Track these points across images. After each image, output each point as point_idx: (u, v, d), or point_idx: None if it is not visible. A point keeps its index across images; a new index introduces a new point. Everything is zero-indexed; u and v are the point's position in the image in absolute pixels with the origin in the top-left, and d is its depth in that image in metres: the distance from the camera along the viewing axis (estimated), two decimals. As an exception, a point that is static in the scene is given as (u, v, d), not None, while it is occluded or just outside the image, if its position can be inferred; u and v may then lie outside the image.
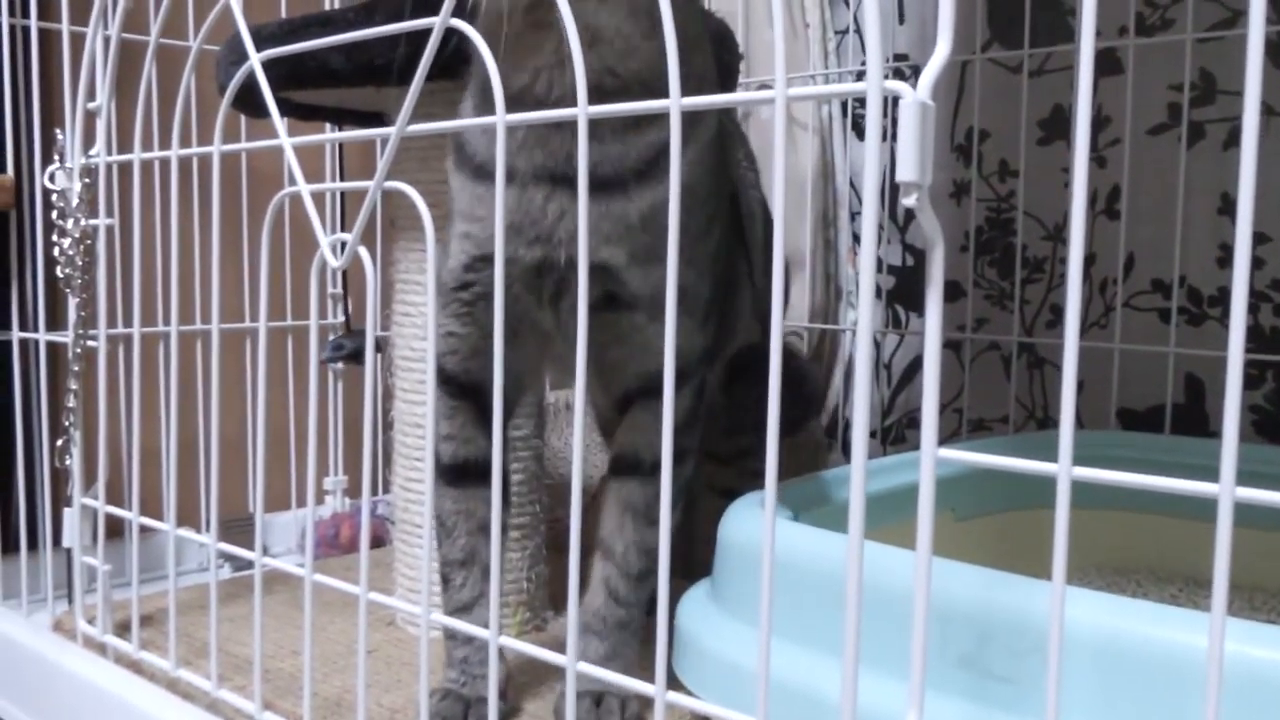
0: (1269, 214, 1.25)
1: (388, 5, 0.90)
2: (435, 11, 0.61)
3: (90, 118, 0.98)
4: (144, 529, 0.94)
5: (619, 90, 0.74)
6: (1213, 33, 1.27)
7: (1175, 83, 1.30)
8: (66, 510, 1.06)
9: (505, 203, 0.68)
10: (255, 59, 0.74)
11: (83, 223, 0.99)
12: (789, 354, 0.98)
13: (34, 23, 1.32)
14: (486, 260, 0.79)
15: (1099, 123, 1.39)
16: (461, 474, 0.86)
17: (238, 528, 1.32)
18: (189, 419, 1.44)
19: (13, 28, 1.24)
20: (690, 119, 0.76)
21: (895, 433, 1.62)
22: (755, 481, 1.05)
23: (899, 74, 1.54)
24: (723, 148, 0.90)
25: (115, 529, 1.03)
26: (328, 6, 1.58)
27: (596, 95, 0.73)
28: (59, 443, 1.06)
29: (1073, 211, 0.42)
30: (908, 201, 0.45)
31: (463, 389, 0.86)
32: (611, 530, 0.85)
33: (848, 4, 1.64)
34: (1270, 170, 1.24)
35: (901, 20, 1.56)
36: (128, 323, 1.17)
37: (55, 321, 1.22)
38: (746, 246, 0.96)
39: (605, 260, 0.76)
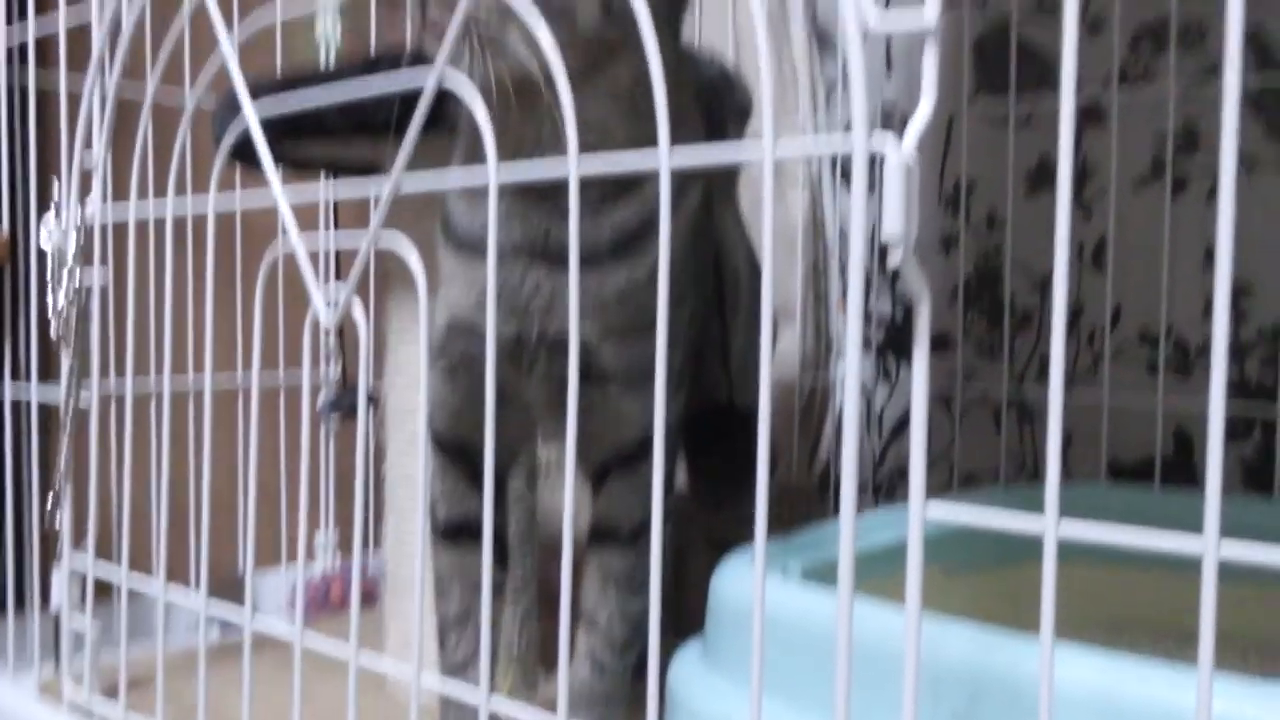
0: (1253, 264, 1.27)
1: (387, 61, 0.91)
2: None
3: (85, 174, 0.99)
4: (133, 590, 0.94)
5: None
6: (1195, 85, 1.29)
7: (1159, 134, 1.31)
8: (55, 570, 1.06)
9: (481, 278, 0.70)
10: (251, 114, 0.74)
11: (76, 278, 0.99)
12: (751, 417, 0.99)
13: (31, 78, 1.33)
14: (465, 326, 0.81)
15: (1084, 174, 1.40)
16: (455, 533, 0.87)
17: (227, 585, 1.31)
18: (179, 476, 1.43)
19: (9, 84, 1.26)
20: (671, 194, 0.78)
21: (887, 485, 1.62)
22: (745, 530, 1.06)
23: (886, 120, 1.55)
24: (708, 212, 0.92)
25: (104, 587, 1.02)
26: (322, 61, 1.60)
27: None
28: (49, 502, 1.06)
29: (1055, 267, 0.43)
30: (893, 259, 0.45)
31: (452, 449, 0.86)
32: (594, 601, 0.85)
33: (835, 55, 1.66)
34: (1252, 221, 1.26)
35: (889, 69, 1.58)
36: (120, 378, 1.17)
37: (48, 378, 1.22)
38: (723, 310, 0.97)
39: (578, 334, 0.78)
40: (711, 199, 0.97)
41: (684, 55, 0.89)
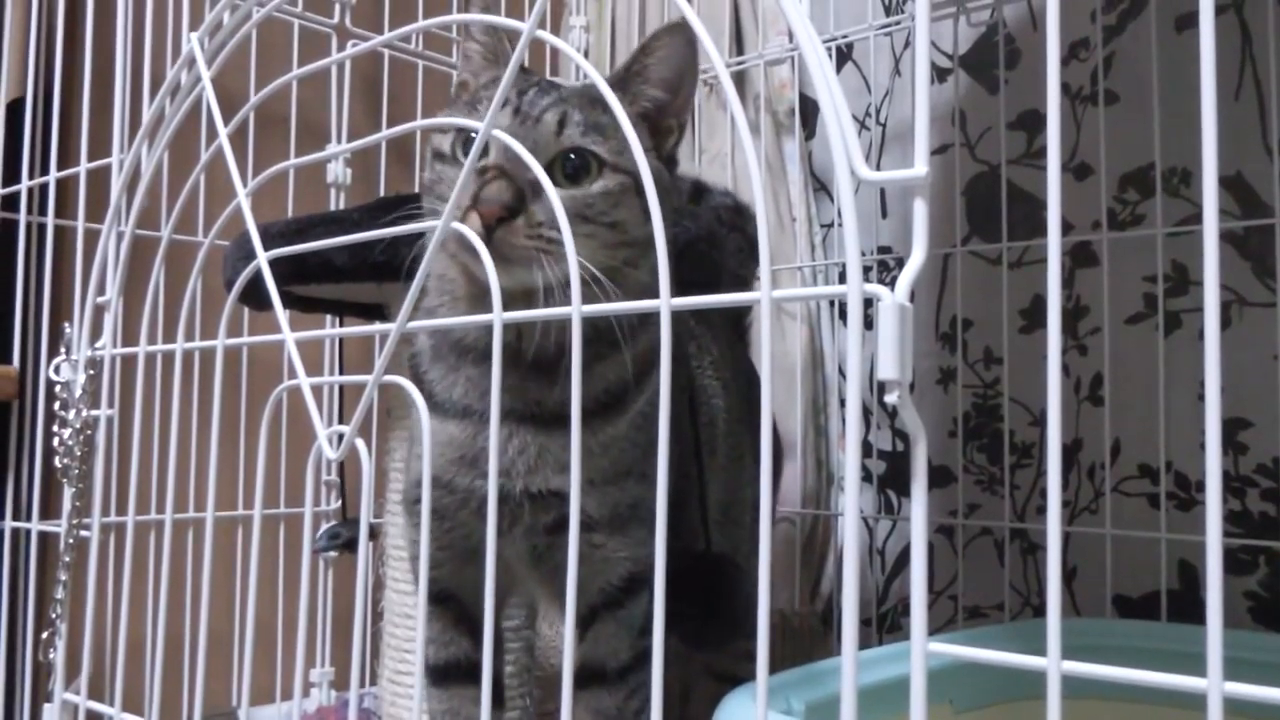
0: (1250, 400, 1.28)
1: (394, 205, 0.94)
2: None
3: (98, 311, 1.00)
4: (125, 725, 0.92)
5: (589, 338, 0.79)
6: (1181, 227, 1.33)
7: (1149, 274, 1.34)
8: (46, 706, 1.04)
9: (462, 437, 0.75)
10: (263, 258, 0.76)
11: (84, 413, 1.00)
12: (728, 564, 0.99)
13: (50, 219, 1.36)
14: (436, 481, 0.83)
15: (1078, 312, 1.43)
16: (444, 675, 0.87)
17: (221, 722, 1.29)
18: (176, 610, 1.42)
19: (27, 224, 1.29)
20: (651, 359, 0.82)
21: (890, 620, 1.60)
22: (748, 664, 1.05)
23: (883, 265, 1.59)
24: (684, 365, 0.95)
25: (95, 722, 1.00)
26: (332, 205, 1.64)
27: (561, 345, 0.78)
28: (44, 635, 1.05)
29: (1049, 407, 0.44)
30: (890, 398, 0.46)
31: (434, 595, 0.87)
32: None
33: (832, 198, 1.71)
34: (1245, 357, 1.28)
35: (884, 215, 1.63)
36: (121, 511, 1.17)
37: (48, 512, 1.22)
38: (700, 459, 0.99)
39: (560, 488, 0.80)
40: (686, 352, 1.00)
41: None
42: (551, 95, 0.80)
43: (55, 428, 1.02)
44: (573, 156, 0.77)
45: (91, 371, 1.01)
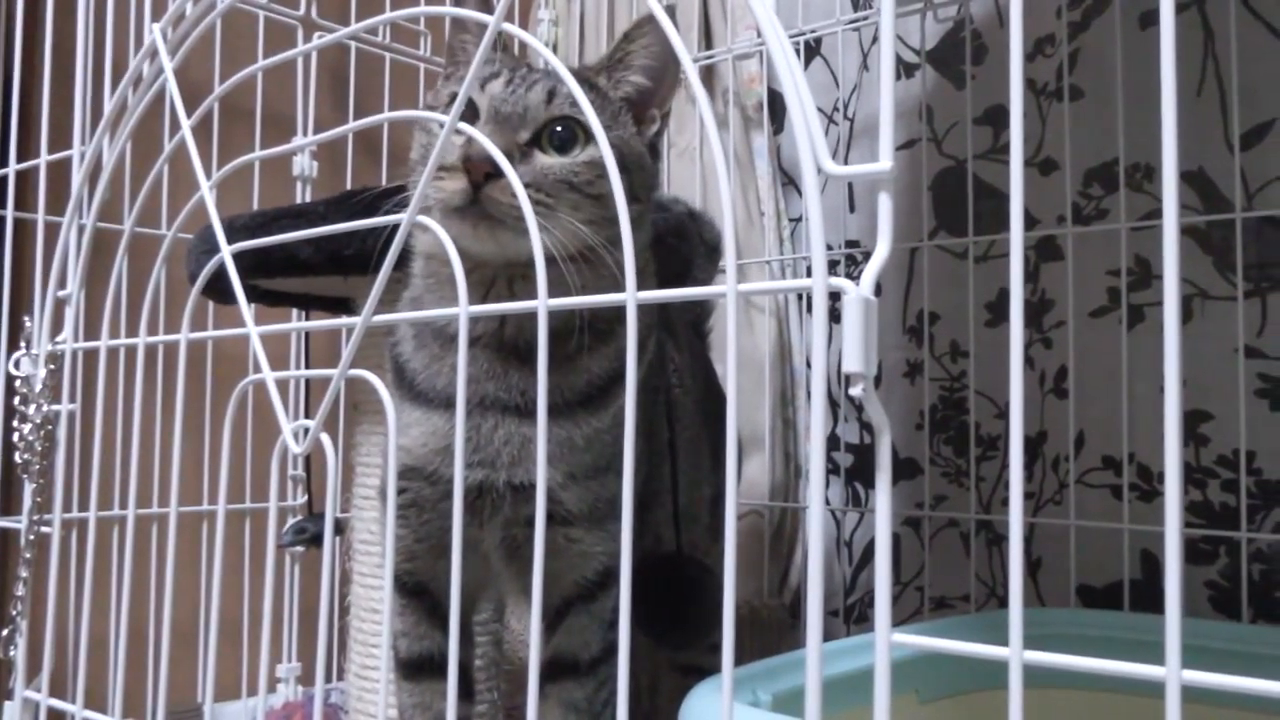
0: (1211, 392, 1.30)
1: (361, 199, 0.93)
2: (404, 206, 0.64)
3: (59, 305, 0.99)
4: (88, 722, 0.91)
5: (568, 328, 0.80)
6: (1144, 222, 1.34)
7: (1113, 268, 1.36)
8: (7, 704, 1.03)
9: (446, 428, 0.76)
10: (227, 251, 0.76)
11: (45, 408, 0.99)
12: (697, 567, 0.99)
13: (10, 212, 1.35)
14: (417, 472, 0.83)
15: (1043, 306, 1.44)
16: (417, 668, 0.87)
17: (186, 719, 1.28)
18: (139, 606, 1.41)
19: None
20: (637, 350, 0.82)
21: (858, 611, 1.61)
22: (714, 657, 1.05)
23: (850, 259, 1.60)
24: (662, 365, 0.95)
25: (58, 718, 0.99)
26: (299, 198, 1.63)
27: (553, 333, 0.78)
28: (4, 633, 1.03)
29: (1012, 400, 0.44)
30: (854, 391, 0.46)
31: (410, 588, 0.87)
32: None
33: (800, 193, 1.71)
34: (1207, 350, 1.30)
35: (852, 209, 1.63)
36: (83, 507, 1.16)
37: (9, 508, 1.20)
38: (674, 458, 0.99)
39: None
40: (666, 352, 1.01)
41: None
42: (542, 73, 0.81)
43: (15, 423, 1.01)
44: (559, 128, 0.78)
45: (52, 366, 0.99)
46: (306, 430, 0.71)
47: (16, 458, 1.01)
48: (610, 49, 0.84)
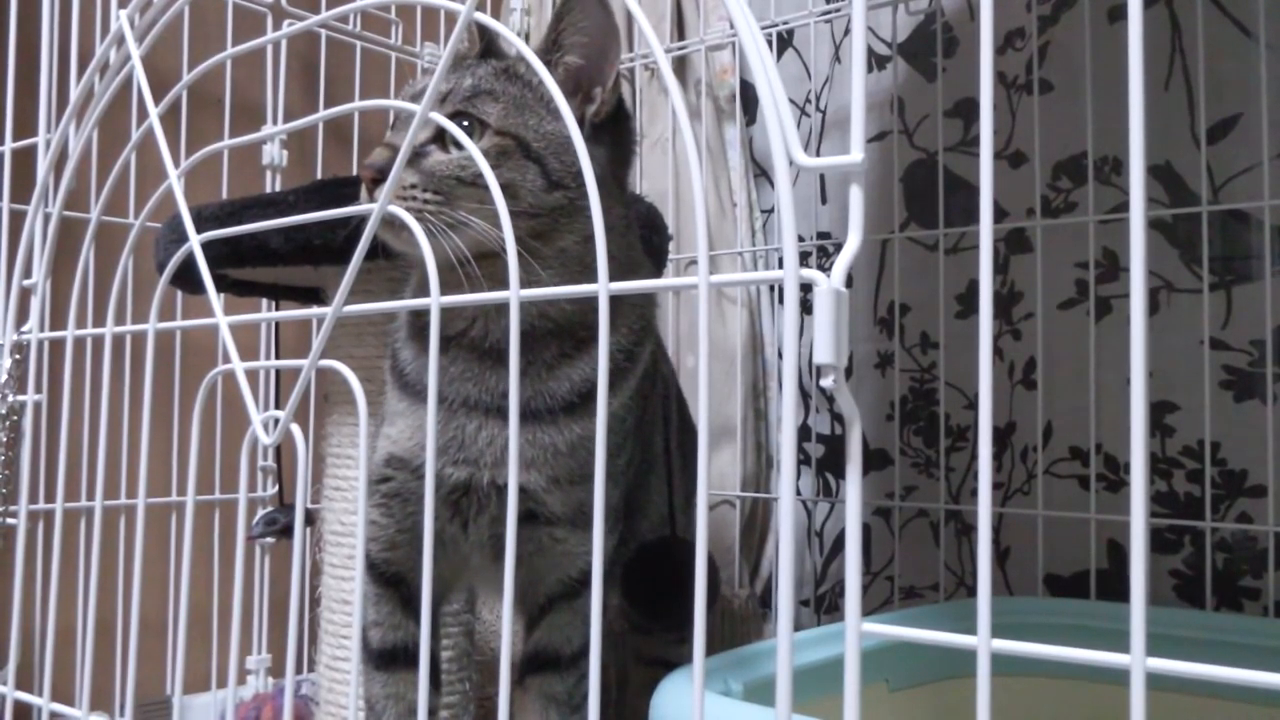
0: (1177, 384, 1.31)
1: (330, 188, 0.93)
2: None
3: (24, 294, 0.98)
4: (55, 715, 0.90)
5: (551, 331, 0.81)
6: (1112, 215, 1.35)
7: (1081, 260, 1.37)
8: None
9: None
10: (195, 240, 0.75)
11: (10, 399, 0.98)
12: (689, 549, 1.00)
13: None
14: (403, 463, 0.84)
15: (1012, 298, 1.45)
16: (390, 659, 0.87)
17: (155, 711, 1.27)
18: (108, 598, 1.39)
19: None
20: (627, 359, 0.82)
21: (829, 601, 1.62)
22: (682, 649, 1.06)
23: (822, 251, 1.60)
24: (656, 367, 0.96)
25: (25, 716, 0.98)
26: (268, 187, 1.62)
27: (530, 337, 0.79)
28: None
29: (980, 391, 0.45)
30: (825, 383, 0.47)
31: (386, 577, 0.88)
32: None
33: (772, 184, 1.71)
34: (1173, 342, 1.31)
35: (824, 201, 1.64)
36: (50, 499, 1.15)
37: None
38: (669, 451, 1.00)
39: (524, 484, 0.81)
40: (658, 355, 1.01)
41: (632, 208, 0.94)
42: (469, 73, 0.81)
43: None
44: (465, 124, 0.78)
45: (17, 356, 0.98)
46: (276, 421, 0.71)
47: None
48: (544, 33, 0.82)
